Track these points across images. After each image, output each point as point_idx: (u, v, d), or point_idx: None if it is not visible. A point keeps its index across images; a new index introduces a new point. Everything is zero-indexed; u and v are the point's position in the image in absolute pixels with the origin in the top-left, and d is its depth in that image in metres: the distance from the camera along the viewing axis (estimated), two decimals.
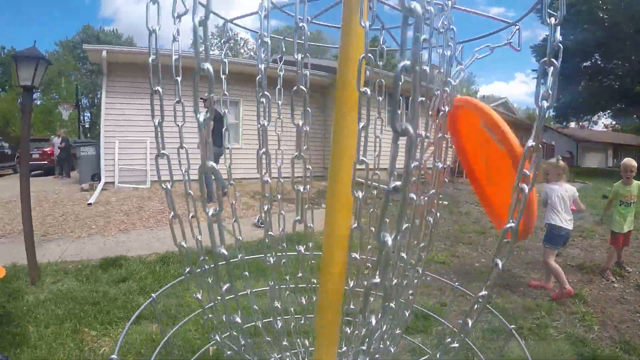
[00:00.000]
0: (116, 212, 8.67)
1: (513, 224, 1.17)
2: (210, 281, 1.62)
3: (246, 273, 2.00)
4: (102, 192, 10.99)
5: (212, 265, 1.35)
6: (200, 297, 1.64)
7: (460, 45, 1.74)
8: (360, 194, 1.29)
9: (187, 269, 1.63)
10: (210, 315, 1.69)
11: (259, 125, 1.68)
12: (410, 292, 1.73)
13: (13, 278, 4.99)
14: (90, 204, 9.36)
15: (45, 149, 18.77)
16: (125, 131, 11.91)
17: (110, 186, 11.74)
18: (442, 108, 1.56)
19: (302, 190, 1.55)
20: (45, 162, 18.45)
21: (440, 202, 1.69)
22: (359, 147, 1.29)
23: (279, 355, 2.03)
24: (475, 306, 1.35)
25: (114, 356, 1.23)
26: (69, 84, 41.44)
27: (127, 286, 4.59)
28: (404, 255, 1.50)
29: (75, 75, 43.19)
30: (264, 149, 1.65)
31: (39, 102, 39.39)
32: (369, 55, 1.30)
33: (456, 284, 2.31)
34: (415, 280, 1.71)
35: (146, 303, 1.85)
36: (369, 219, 1.89)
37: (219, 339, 1.63)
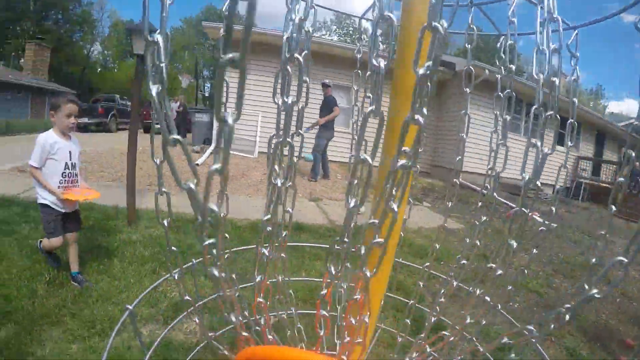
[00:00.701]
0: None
1: None
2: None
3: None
4: (211, 155, 11.80)
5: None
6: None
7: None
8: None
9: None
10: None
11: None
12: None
13: (113, 217, 5.60)
14: (197, 164, 10.09)
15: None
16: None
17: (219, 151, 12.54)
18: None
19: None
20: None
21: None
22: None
23: None
24: None
25: None
26: (192, 56, 44.99)
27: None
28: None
29: (198, 49, 46.43)
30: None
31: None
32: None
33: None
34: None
35: (123, 317, 1.78)
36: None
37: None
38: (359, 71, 2.12)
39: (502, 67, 1.71)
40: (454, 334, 1.71)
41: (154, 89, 0.94)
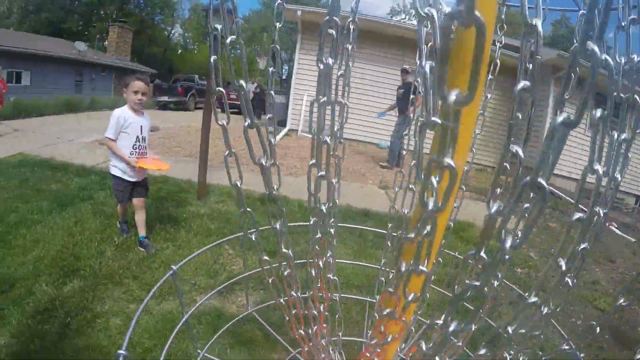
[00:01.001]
0: (292, 157, 9.30)
1: None
2: None
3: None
4: (284, 137, 11.94)
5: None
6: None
7: None
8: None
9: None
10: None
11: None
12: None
13: (185, 190, 5.79)
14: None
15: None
16: (314, 86, 12.70)
17: (293, 133, 12.71)
18: None
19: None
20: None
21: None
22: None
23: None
24: None
25: (121, 351, 1.19)
26: (270, 38, 45.66)
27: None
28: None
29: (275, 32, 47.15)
30: None
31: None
32: None
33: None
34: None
35: (166, 277, 1.91)
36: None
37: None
38: None
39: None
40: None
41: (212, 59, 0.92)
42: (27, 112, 13.83)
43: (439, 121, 0.69)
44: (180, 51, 51.22)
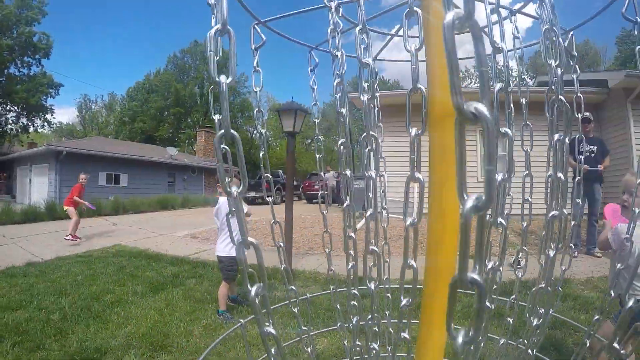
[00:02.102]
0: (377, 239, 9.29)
1: None
2: None
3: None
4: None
5: None
6: None
7: None
8: None
9: None
10: None
11: None
12: None
13: (271, 276, 5.96)
14: (357, 229, 10.31)
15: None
16: (394, 167, 12.82)
17: (378, 215, 12.72)
18: None
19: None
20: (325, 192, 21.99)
21: None
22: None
23: None
24: None
25: None
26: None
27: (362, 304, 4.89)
28: None
29: (352, 119, 49.39)
30: None
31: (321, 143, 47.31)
32: None
33: None
34: None
35: (233, 328, 2.28)
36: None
37: None
38: None
39: None
40: None
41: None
42: (125, 209, 15.15)
43: None
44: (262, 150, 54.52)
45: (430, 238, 1.43)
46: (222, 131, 0.98)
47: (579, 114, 1.67)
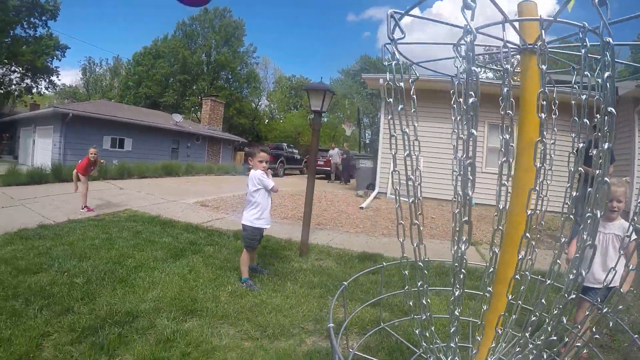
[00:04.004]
0: (383, 219, 9.37)
1: None
2: None
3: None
4: (374, 199, 12.12)
5: None
6: None
7: None
8: None
9: None
10: None
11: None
12: None
13: (286, 248, 6.04)
14: (362, 207, 10.46)
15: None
16: (400, 148, 12.88)
17: (382, 196, 12.93)
18: None
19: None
20: (328, 168, 22.19)
21: None
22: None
23: None
24: None
25: None
26: (352, 105, 47.46)
27: (375, 277, 4.95)
28: None
29: (357, 97, 48.83)
30: None
31: (325, 120, 46.64)
32: None
33: None
34: None
35: (340, 290, 2.49)
36: None
37: None
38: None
39: None
40: None
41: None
42: (130, 174, 15.18)
43: None
44: (267, 121, 54.19)
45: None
46: None
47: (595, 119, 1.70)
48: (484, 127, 12.38)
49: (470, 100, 1.59)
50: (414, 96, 2.09)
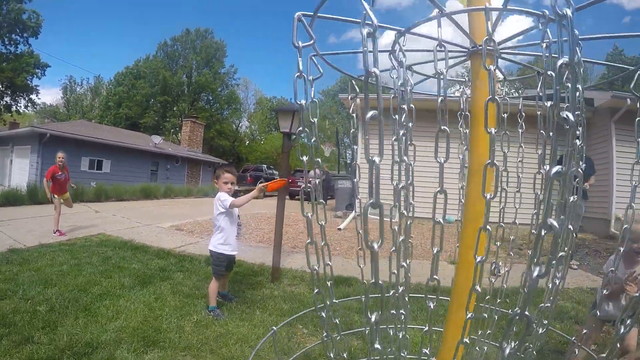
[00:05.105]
0: (361, 240, 9.32)
1: None
2: None
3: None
4: (353, 220, 12.06)
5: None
6: None
7: None
8: None
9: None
10: None
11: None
12: None
13: (258, 274, 5.97)
14: (340, 229, 10.42)
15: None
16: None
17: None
18: None
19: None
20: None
21: None
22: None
23: None
24: None
25: None
26: (332, 125, 47.87)
27: (348, 304, 4.90)
28: None
29: (337, 117, 49.26)
30: None
31: (306, 140, 47.30)
32: None
33: None
34: None
35: (266, 337, 2.45)
36: None
37: None
38: None
39: None
40: None
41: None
42: (107, 196, 14.98)
43: None
44: (247, 142, 54.28)
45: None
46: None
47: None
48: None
49: (370, 113, 1.22)
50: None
